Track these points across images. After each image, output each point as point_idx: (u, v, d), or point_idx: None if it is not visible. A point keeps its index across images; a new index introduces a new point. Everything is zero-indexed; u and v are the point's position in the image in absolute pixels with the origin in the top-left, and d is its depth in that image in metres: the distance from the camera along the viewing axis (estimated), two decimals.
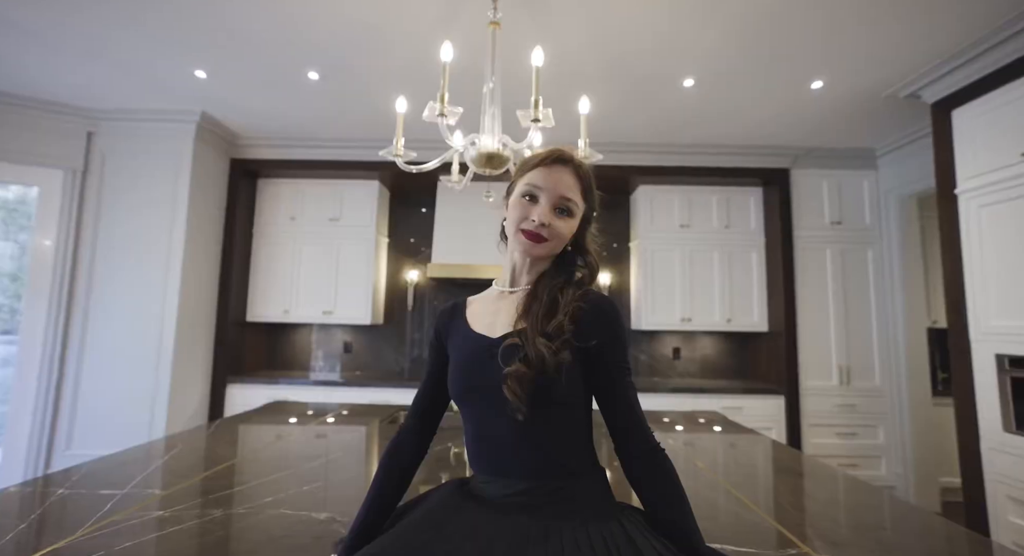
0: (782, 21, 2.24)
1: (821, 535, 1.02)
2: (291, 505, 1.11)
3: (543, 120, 1.38)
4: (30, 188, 3.38)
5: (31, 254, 3.31)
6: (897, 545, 1.01)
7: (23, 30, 2.42)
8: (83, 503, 1.11)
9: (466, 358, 0.79)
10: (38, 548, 0.86)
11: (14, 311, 4.08)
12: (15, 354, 3.82)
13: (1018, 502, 2.23)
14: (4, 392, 3.93)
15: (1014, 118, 2.31)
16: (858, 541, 1.01)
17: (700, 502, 1.19)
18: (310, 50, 2.58)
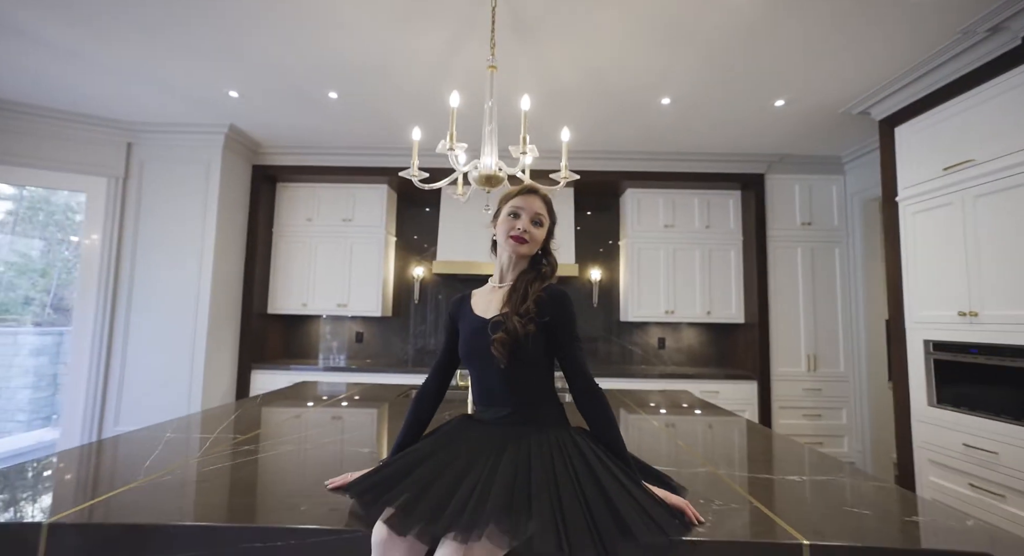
0: (744, 50, 2.60)
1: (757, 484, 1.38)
2: (345, 443, 1.49)
3: (529, 152, 1.76)
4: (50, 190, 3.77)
5: (81, 253, 3.71)
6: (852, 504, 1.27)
7: (78, 56, 2.79)
8: (187, 442, 1.49)
9: (470, 331, 1.17)
10: (187, 456, 1.24)
11: (44, 305, 4.49)
12: (48, 344, 4.22)
13: (937, 464, 2.61)
14: (37, 379, 4.34)
15: (941, 136, 2.67)
16: (791, 492, 1.37)
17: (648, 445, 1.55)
18: (331, 74, 2.95)
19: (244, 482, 1.21)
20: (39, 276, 4.31)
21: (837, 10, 2.25)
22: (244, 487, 1.18)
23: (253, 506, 1.06)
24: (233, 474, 1.25)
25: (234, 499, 1.10)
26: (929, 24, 2.34)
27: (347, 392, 2.65)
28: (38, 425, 4.33)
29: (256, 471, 1.28)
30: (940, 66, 2.61)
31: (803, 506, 1.13)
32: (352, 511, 1.01)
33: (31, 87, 3.18)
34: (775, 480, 1.32)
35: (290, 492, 1.15)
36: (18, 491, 1.12)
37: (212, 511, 1.02)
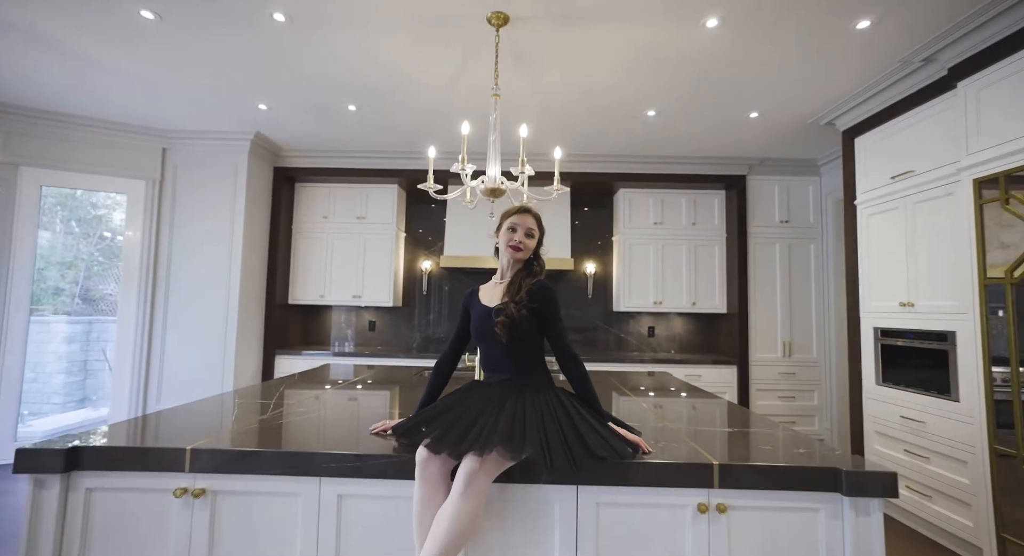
0: (717, 71, 2.95)
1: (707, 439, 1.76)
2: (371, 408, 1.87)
3: (526, 171, 2.14)
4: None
5: (123, 249, 4.09)
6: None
7: (123, 74, 3.15)
8: (255, 406, 1.88)
9: (479, 317, 1.55)
10: (261, 413, 1.62)
11: (73, 295, 4.88)
12: (78, 332, 4.60)
13: (880, 434, 3.01)
14: (69, 364, 4.73)
15: (890, 148, 3.03)
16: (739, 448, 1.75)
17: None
18: (351, 90, 3.31)
19: (309, 429, 1.60)
20: (66, 268, 4.69)
21: (799, 39, 2.60)
22: (311, 432, 1.57)
23: (323, 442, 1.46)
24: (299, 425, 1.64)
25: (307, 439, 1.49)
26: (876, 53, 2.70)
27: (365, 374, 3.04)
28: (72, 407, 4.75)
29: (313, 423, 1.68)
30: (890, 87, 2.96)
31: (727, 446, 1.52)
32: (395, 445, 1.40)
33: (79, 101, 3.54)
34: (716, 432, 1.71)
35: (345, 436, 1.54)
36: (164, 431, 1.52)
37: (295, 444, 1.41)
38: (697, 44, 2.64)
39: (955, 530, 2.51)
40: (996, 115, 2.30)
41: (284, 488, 1.35)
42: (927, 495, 2.68)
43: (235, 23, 2.53)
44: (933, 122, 2.71)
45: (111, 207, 4.64)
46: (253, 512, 1.35)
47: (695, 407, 2.16)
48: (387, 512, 1.34)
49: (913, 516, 2.84)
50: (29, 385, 4.03)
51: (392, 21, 2.49)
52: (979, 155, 2.36)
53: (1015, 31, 2.23)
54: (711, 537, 1.30)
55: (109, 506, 1.34)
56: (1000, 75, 2.29)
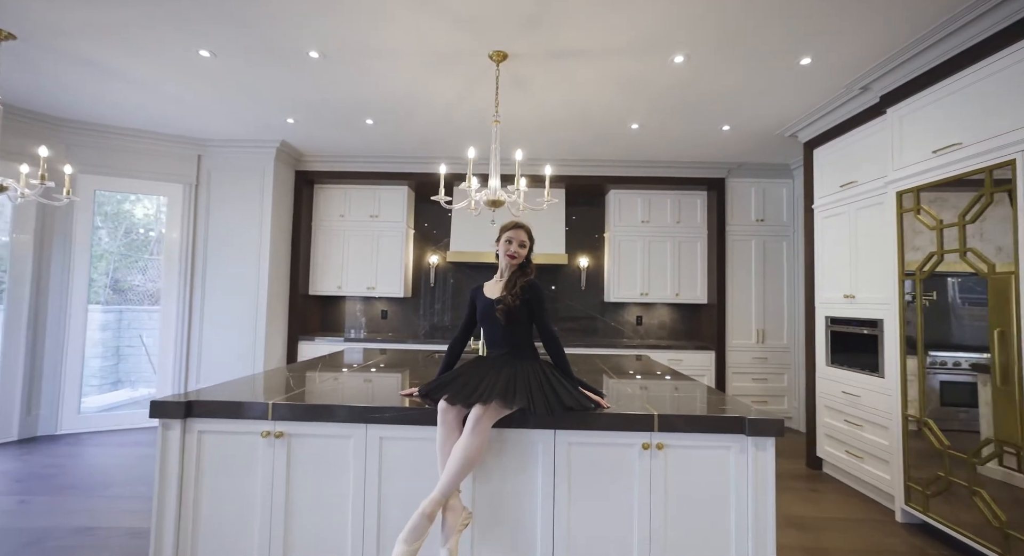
0: (689, 93, 3.39)
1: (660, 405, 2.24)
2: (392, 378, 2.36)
3: (522, 188, 2.61)
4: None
5: (164, 246, 4.58)
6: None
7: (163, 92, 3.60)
8: (304, 377, 2.37)
9: (484, 306, 2.03)
10: (312, 381, 2.11)
11: (104, 285, 5.37)
12: (111, 320, 5.08)
13: (828, 408, 3.51)
14: (104, 350, 5.22)
15: (840, 160, 3.48)
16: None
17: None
18: (370, 107, 3.76)
19: (351, 392, 2.09)
20: (97, 260, 5.18)
21: (753, 72, 3.04)
22: (353, 394, 2.07)
23: (366, 400, 1.95)
24: (342, 390, 2.13)
25: (353, 398, 1.98)
26: (821, 82, 3.14)
27: (380, 358, 3.54)
28: (107, 389, 5.27)
29: (353, 388, 2.17)
30: (837, 108, 3.41)
31: (670, 403, 2.00)
32: (420, 402, 1.89)
33: (128, 116, 4.01)
34: (666, 397, 2.19)
35: (385, 395, 2.03)
36: (247, 391, 2.02)
37: (346, 401, 1.91)
38: (668, 75, 3.09)
39: (878, 483, 3.01)
40: (916, 137, 2.75)
41: (340, 432, 1.84)
42: (859, 457, 3.18)
43: (277, 59, 2.99)
44: (871, 140, 3.15)
45: (133, 203, 5.11)
46: (317, 449, 1.85)
47: (662, 381, 2.65)
48: (416, 449, 1.84)
49: (850, 475, 3.34)
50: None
51: (407, 56, 2.94)
52: (901, 171, 2.81)
53: (932, 68, 2.66)
54: (652, 468, 1.80)
55: (214, 444, 1.85)
56: (920, 104, 2.73)
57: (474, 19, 2.52)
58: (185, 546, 1.82)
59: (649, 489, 1.79)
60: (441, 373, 2.03)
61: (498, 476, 1.83)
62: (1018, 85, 2.19)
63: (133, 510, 2.70)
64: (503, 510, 1.81)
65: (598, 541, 1.79)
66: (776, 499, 2.26)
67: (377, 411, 1.84)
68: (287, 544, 1.83)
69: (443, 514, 1.61)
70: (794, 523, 2.76)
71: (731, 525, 1.76)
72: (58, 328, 4.15)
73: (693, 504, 1.78)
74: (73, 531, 2.45)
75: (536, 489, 1.81)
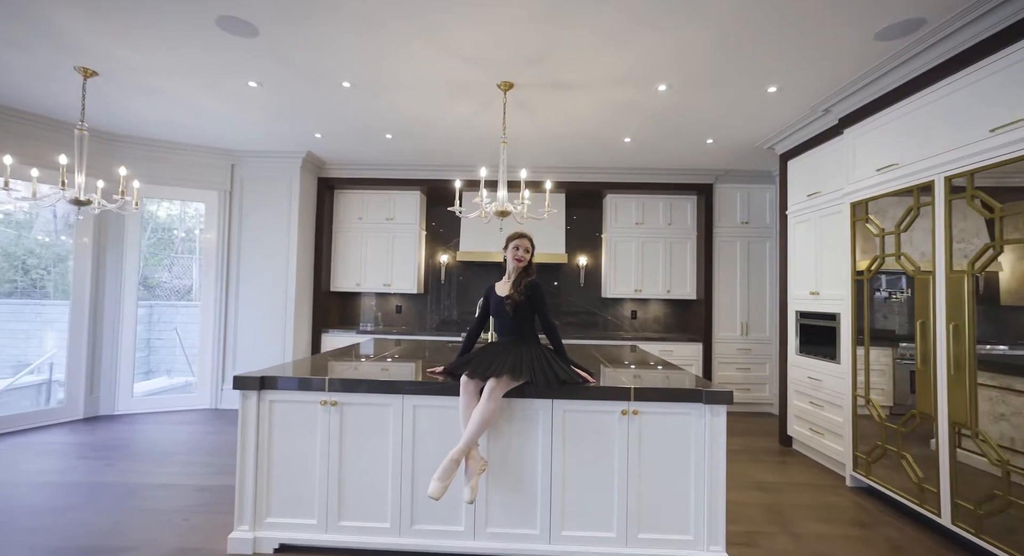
0: (673, 114, 3.82)
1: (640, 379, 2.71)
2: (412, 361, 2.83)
3: (526, 202, 3.07)
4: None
5: (202, 247, 5.07)
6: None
7: (214, 116, 4.07)
8: (341, 359, 2.85)
9: (495, 302, 2.49)
10: (350, 365, 2.58)
11: (135, 282, 5.82)
12: (143, 315, 5.52)
13: (797, 392, 3.97)
14: (136, 342, 5.69)
15: (808, 172, 3.92)
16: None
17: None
18: (390, 124, 4.22)
19: (384, 372, 2.57)
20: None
21: (727, 98, 3.48)
22: (387, 373, 2.54)
23: (399, 376, 2.42)
24: (376, 371, 2.61)
25: (389, 375, 2.46)
26: (788, 106, 3.58)
27: (395, 349, 4.02)
28: (140, 378, 5.77)
29: (383, 369, 2.65)
30: (804, 127, 3.85)
31: (647, 380, 2.47)
32: (446, 378, 2.37)
33: (172, 130, 4.48)
34: (643, 374, 2.66)
35: (411, 374, 2.51)
36: (303, 370, 2.50)
37: (385, 377, 2.38)
38: (654, 100, 3.54)
39: (834, 455, 3.48)
40: (865, 156, 3.19)
41: (381, 401, 2.32)
42: (820, 433, 3.64)
43: (314, 88, 3.45)
44: (832, 156, 3.60)
45: (157, 204, 5.56)
46: (364, 415, 2.33)
47: (647, 366, 3.12)
48: (441, 415, 2.32)
49: (813, 449, 3.81)
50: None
51: (426, 86, 3.39)
52: (854, 185, 3.26)
53: (880, 96, 3.09)
54: (629, 430, 2.27)
55: (283, 410, 2.33)
56: (870, 127, 3.17)
57: (485, 59, 2.98)
58: (262, 491, 2.32)
59: (627, 446, 2.26)
60: (460, 355, 2.51)
61: (507, 435, 2.31)
62: (943, 116, 2.62)
63: (198, 472, 3.20)
64: (511, 461, 2.29)
65: (586, 487, 2.27)
66: (747, 469, 2.75)
67: (411, 385, 2.33)
68: (341, 490, 2.32)
69: (466, 462, 2.09)
70: (759, 487, 3.23)
71: (691, 473, 2.24)
72: (114, 321, 4.66)
73: (661, 457, 2.26)
74: (156, 486, 2.95)
75: (537, 446, 2.29)
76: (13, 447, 3.66)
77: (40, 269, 4.98)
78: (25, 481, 3.04)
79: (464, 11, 2.50)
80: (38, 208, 4.38)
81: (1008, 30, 2.26)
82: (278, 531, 2.32)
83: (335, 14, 2.54)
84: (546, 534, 2.26)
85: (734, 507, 2.86)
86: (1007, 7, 2.22)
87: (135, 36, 2.79)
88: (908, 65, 2.81)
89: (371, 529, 2.31)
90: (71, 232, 4.56)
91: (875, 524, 2.73)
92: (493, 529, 2.28)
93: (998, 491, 2.22)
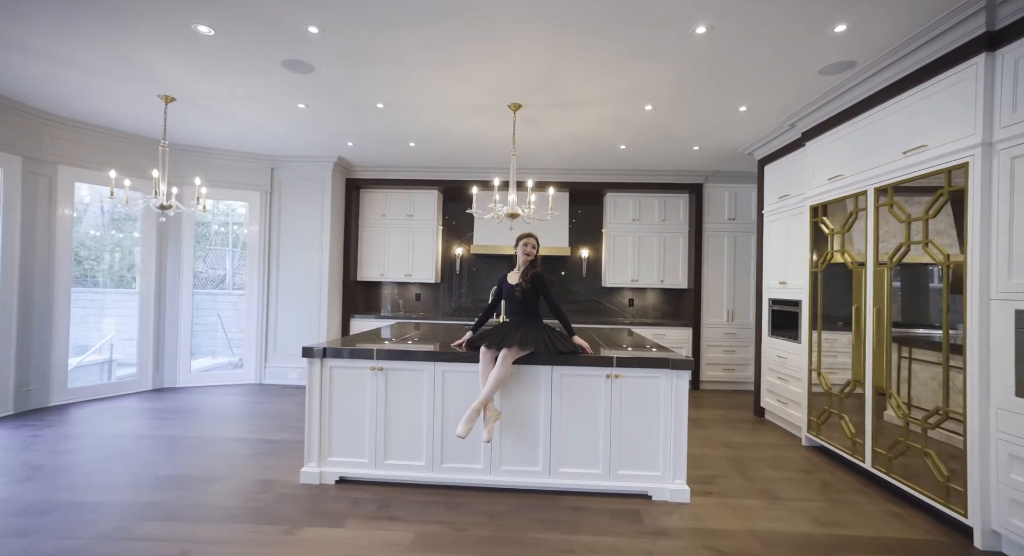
0: (662, 126, 4.38)
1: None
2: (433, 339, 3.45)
3: (532, 207, 3.67)
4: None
5: (247, 241, 5.74)
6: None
7: (261, 128, 4.70)
8: (378, 336, 3.48)
9: (507, 289, 3.10)
10: (384, 341, 3.21)
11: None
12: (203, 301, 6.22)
13: (769, 369, 4.57)
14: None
15: (780, 178, 4.47)
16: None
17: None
18: (413, 134, 4.82)
19: (416, 346, 3.21)
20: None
21: (706, 115, 4.04)
22: (419, 346, 3.18)
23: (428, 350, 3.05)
24: (406, 346, 3.25)
25: (420, 348, 3.09)
26: (760, 121, 4.13)
27: (417, 331, 4.66)
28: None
29: (415, 344, 3.28)
30: (774, 139, 4.40)
31: (626, 353, 3.08)
32: (468, 350, 3.00)
33: (220, 139, 5.12)
34: (629, 349, 3.27)
35: (434, 348, 3.15)
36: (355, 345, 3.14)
37: (421, 347, 3.02)
38: (642, 117, 4.11)
39: (795, 421, 4.08)
40: (821, 166, 3.74)
41: (418, 367, 2.96)
42: (785, 403, 4.24)
43: (352, 108, 4.06)
44: (798, 164, 4.14)
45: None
46: (404, 378, 2.97)
47: (634, 345, 3.74)
48: (464, 378, 2.95)
49: (780, 418, 4.41)
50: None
51: (446, 107, 3.99)
52: (812, 191, 3.81)
53: (832, 116, 3.63)
54: (612, 390, 2.89)
55: (341, 375, 2.98)
56: (825, 142, 3.71)
57: (497, 86, 3.56)
58: (325, 436, 2.98)
59: (610, 403, 2.89)
60: (475, 329, 3.14)
61: (516, 393, 2.94)
62: (872, 138, 3.16)
63: (262, 429, 3.89)
64: (519, 414, 2.93)
65: (577, 434, 2.90)
66: (720, 433, 3.37)
67: (441, 354, 2.97)
68: (386, 436, 2.97)
69: (484, 411, 2.73)
70: (727, 446, 3.85)
71: (660, 424, 2.86)
72: (174, 306, 5.35)
73: (637, 412, 2.88)
74: (230, 439, 3.64)
75: (539, 402, 2.92)
76: (102, 411, 4.38)
77: (91, 260, 5.67)
78: (127, 433, 3.75)
79: (480, 50, 3.08)
80: (128, 211, 5.06)
81: (914, 74, 2.80)
82: (338, 467, 2.98)
83: (374, 55, 3.14)
84: (547, 470, 2.91)
85: (703, 459, 3.49)
86: (916, 54, 2.76)
87: (210, 72, 3.41)
88: (848, 94, 3.35)
89: (410, 466, 2.96)
90: (116, 226, 5.25)
91: (815, 471, 3.34)
92: (505, 467, 2.93)
93: (900, 438, 2.82)
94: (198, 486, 2.86)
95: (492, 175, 5.80)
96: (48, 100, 4.02)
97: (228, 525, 2.41)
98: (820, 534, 2.47)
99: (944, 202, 2.61)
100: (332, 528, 2.41)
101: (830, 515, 2.69)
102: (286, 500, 2.70)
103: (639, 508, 2.71)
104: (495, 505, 2.71)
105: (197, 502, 2.65)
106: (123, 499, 2.67)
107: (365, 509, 2.62)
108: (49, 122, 4.34)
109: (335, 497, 2.75)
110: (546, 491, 2.89)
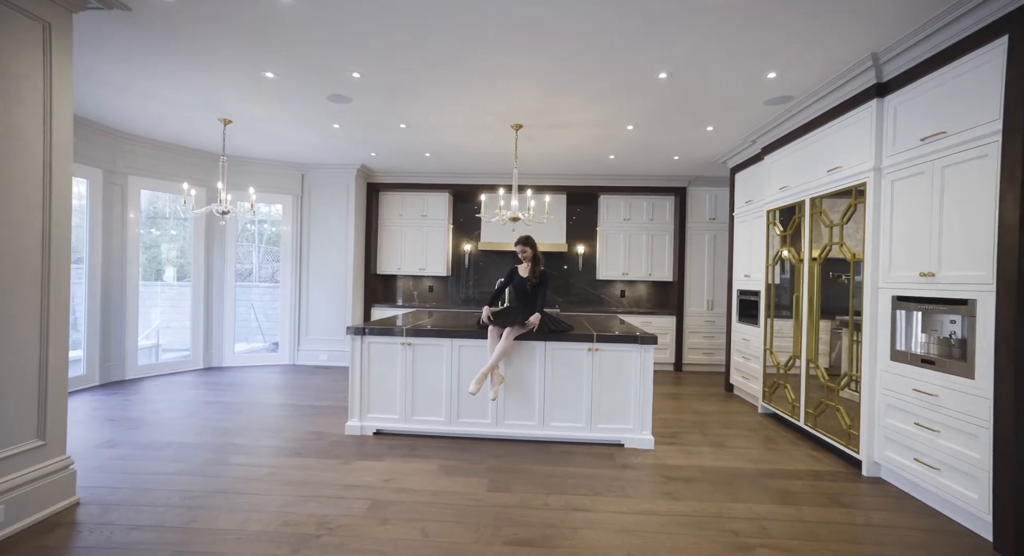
0: (643, 141, 5.08)
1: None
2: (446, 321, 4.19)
3: (531, 212, 4.40)
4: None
5: (281, 239, 6.50)
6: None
7: (298, 142, 5.44)
8: (410, 320, 4.23)
9: (518, 280, 3.84)
10: (407, 322, 3.94)
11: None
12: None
13: (736, 351, 5.29)
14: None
15: (746, 186, 5.17)
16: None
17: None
18: (428, 147, 5.55)
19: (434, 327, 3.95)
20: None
21: (679, 133, 4.74)
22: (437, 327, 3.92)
23: (449, 328, 3.79)
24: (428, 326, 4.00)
25: (441, 326, 3.84)
26: (726, 138, 4.82)
27: (430, 318, 5.41)
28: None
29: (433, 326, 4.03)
30: (741, 152, 5.09)
31: (606, 331, 3.81)
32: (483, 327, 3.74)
33: (257, 150, 5.87)
34: (611, 330, 4.00)
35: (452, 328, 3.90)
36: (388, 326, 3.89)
37: (439, 327, 3.76)
38: (625, 135, 4.82)
39: (754, 393, 4.81)
40: (776, 177, 4.43)
41: (439, 342, 3.71)
42: (747, 379, 4.97)
43: (379, 128, 4.80)
44: (759, 174, 4.84)
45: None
46: (428, 353, 3.72)
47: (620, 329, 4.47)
48: (475, 351, 3.69)
49: (743, 391, 5.14)
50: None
51: (458, 127, 4.71)
52: (769, 197, 4.52)
53: (781, 136, 4.32)
54: (592, 361, 3.62)
55: (376, 349, 3.73)
56: (778, 157, 4.41)
57: (502, 113, 4.28)
58: (364, 397, 3.74)
59: (591, 371, 3.63)
60: (491, 304, 3.87)
61: (516, 363, 3.69)
62: (808, 157, 3.86)
63: (306, 397, 4.66)
64: (519, 379, 3.68)
65: (565, 396, 3.65)
66: (691, 404, 4.13)
67: (457, 332, 3.72)
68: (414, 397, 3.73)
69: (491, 375, 3.48)
70: (694, 413, 4.58)
71: (631, 388, 3.60)
72: (220, 296, 6.13)
73: (612, 379, 3.62)
74: (281, 405, 4.43)
75: (535, 369, 3.67)
76: (167, 384, 5.17)
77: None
78: (194, 400, 4.54)
79: (486, 90, 3.79)
80: (194, 216, 5.83)
81: (833, 109, 3.50)
82: (375, 422, 3.74)
83: (401, 91, 3.86)
84: (541, 424, 3.66)
85: (673, 421, 4.22)
86: (833, 95, 3.46)
87: (268, 104, 4.15)
88: (791, 120, 4.05)
89: (432, 421, 3.72)
90: (155, 225, 6.03)
91: (762, 429, 4.08)
92: (508, 421, 3.68)
93: (823, 399, 3.55)
94: (266, 435, 3.64)
95: (497, 180, 6.54)
96: (125, 122, 4.78)
97: (297, 458, 3.18)
98: (750, 468, 3.22)
99: (853, 212, 3.32)
100: (376, 461, 3.18)
101: (763, 456, 3.43)
102: (337, 445, 3.47)
103: (613, 452, 3.45)
104: (500, 449, 3.47)
105: (269, 444, 3.43)
106: (213, 441, 3.45)
107: (399, 451, 3.39)
108: (120, 138, 5.10)
109: (375, 443, 3.52)
110: (541, 441, 3.64)
